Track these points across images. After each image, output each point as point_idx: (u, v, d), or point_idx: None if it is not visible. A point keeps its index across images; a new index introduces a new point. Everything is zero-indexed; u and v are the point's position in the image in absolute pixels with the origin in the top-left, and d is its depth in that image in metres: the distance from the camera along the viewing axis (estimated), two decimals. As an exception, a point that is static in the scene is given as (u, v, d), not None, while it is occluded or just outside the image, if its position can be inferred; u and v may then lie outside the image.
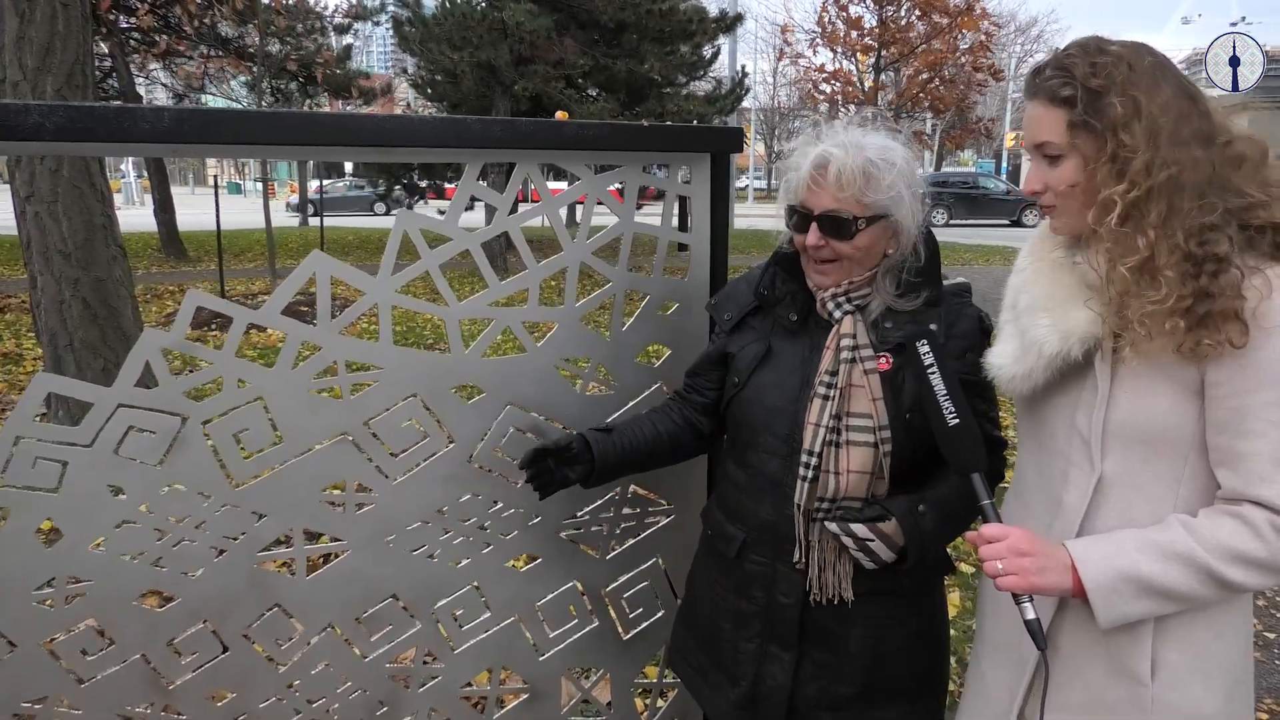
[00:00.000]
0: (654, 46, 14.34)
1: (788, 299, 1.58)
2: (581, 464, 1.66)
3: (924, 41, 19.50)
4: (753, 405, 1.58)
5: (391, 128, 1.56)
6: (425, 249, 1.72)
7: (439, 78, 15.34)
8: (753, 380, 1.59)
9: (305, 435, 1.68)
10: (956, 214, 24.73)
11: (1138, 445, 1.25)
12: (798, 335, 1.58)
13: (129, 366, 1.53)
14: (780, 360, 1.58)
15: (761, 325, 1.63)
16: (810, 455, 1.49)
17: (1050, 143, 1.26)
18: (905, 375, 1.48)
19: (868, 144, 1.45)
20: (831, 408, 1.48)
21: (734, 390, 1.62)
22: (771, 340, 1.60)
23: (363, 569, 1.77)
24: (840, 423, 1.48)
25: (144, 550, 1.60)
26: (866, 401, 1.48)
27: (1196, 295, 1.16)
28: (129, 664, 1.63)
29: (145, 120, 1.36)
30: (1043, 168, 1.30)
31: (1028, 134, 1.31)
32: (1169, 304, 1.15)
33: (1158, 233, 1.17)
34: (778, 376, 1.57)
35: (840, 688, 1.58)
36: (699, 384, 1.74)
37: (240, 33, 15.07)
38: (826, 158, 1.44)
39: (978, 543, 1.27)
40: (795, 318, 1.57)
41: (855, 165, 1.43)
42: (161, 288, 12.15)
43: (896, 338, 1.49)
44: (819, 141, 1.48)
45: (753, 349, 1.61)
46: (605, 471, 1.68)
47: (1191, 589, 1.19)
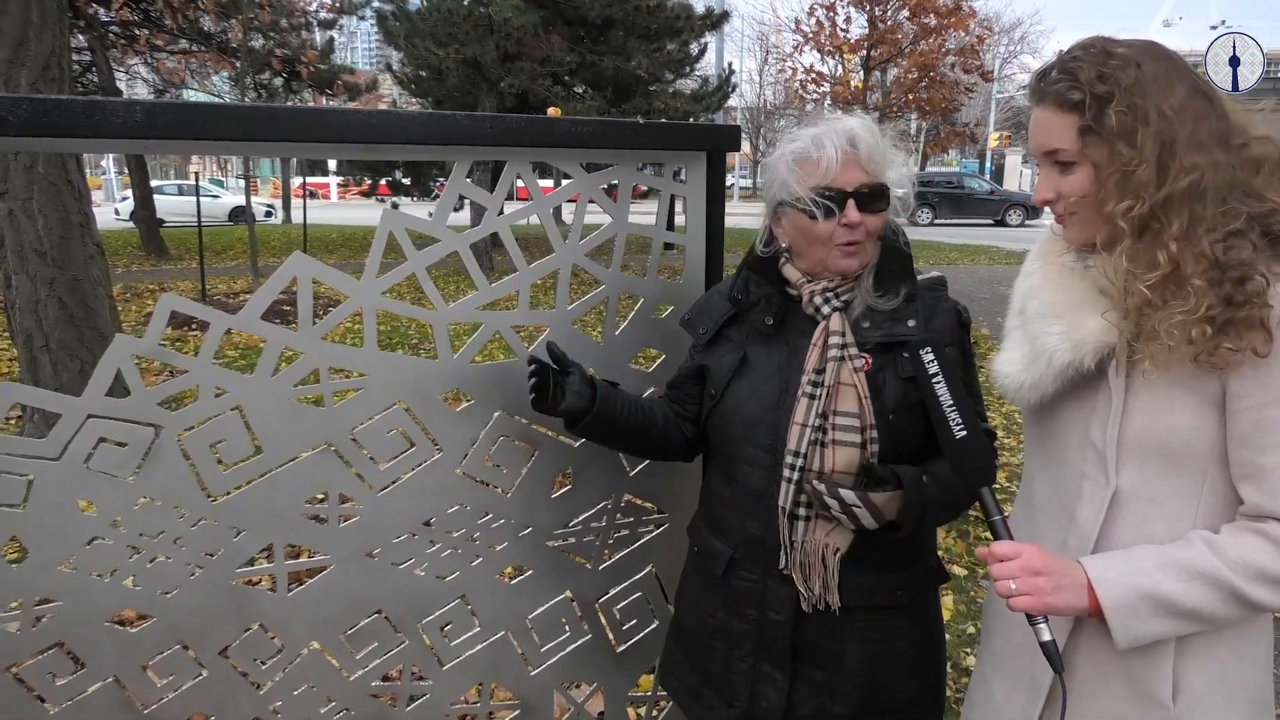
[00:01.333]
0: (641, 43, 14.29)
1: (762, 303, 1.54)
2: (581, 400, 1.58)
3: (912, 42, 19.51)
4: (731, 418, 1.54)
5: (378, 124, 1.49)
6: (412, 250, 1.65)
7: (424, 74, 15.23)
8: (729, 391, 1.55)
9: (286, 445, 1.60)
10: (941, 213, 24.87)
11: (1155, 458, 1.20)
12: (773, 341, 1.54)
13: (99, 375, 1.45)
14: (756, 369, 1.53)
15: (737, 335, 1.58)
16: (796, 456, 1.44)
17: (1061, 149, 1.21)
18: (886, 376, 1.45)
19: (872, 124, 1.47)
20: (818, 406, 1.44)
21: (712, 403, 1.58)
22: (747, 349, 1.56)
23: (347, 584, 1.70)
24: (826, 421, 1.43)
25: (116, 568, 1.52)
26: (854, 400, 1.43)
27: (1223, 303, 1.11)
28: (101, 688, 1.55)
29: (116, 114, 1.28)
30: (1054, 176, 1.25)
31: (1035, 141, 1.26)
32: (1199, 313, 1.10)
33: (1180, 244, 1.12)
34: (754, 386, 1.52)
35: (837, 706, 1.53)
36: (679, 396, 1.69)
37: (223, 27, 14.89)
38: (854, 133, 1.44)
39: (989, 560, 1.21)
40: (771, 322, 1.53)
41: (878, 139, 1.46)
42: (141, 286, 11.99)
43: (876, 338, 1.46)
44: (821, 126, 1.46)
45: (728, 359, 1.56)
46: (600, 420, 1.59)
47: (1214, 609, 1.14)
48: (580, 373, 1.61)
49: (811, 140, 1.45)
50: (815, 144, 1.44)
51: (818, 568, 1.48)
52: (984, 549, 1.23)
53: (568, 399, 1.58)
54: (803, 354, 1.49)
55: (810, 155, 1.44)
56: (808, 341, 1.50)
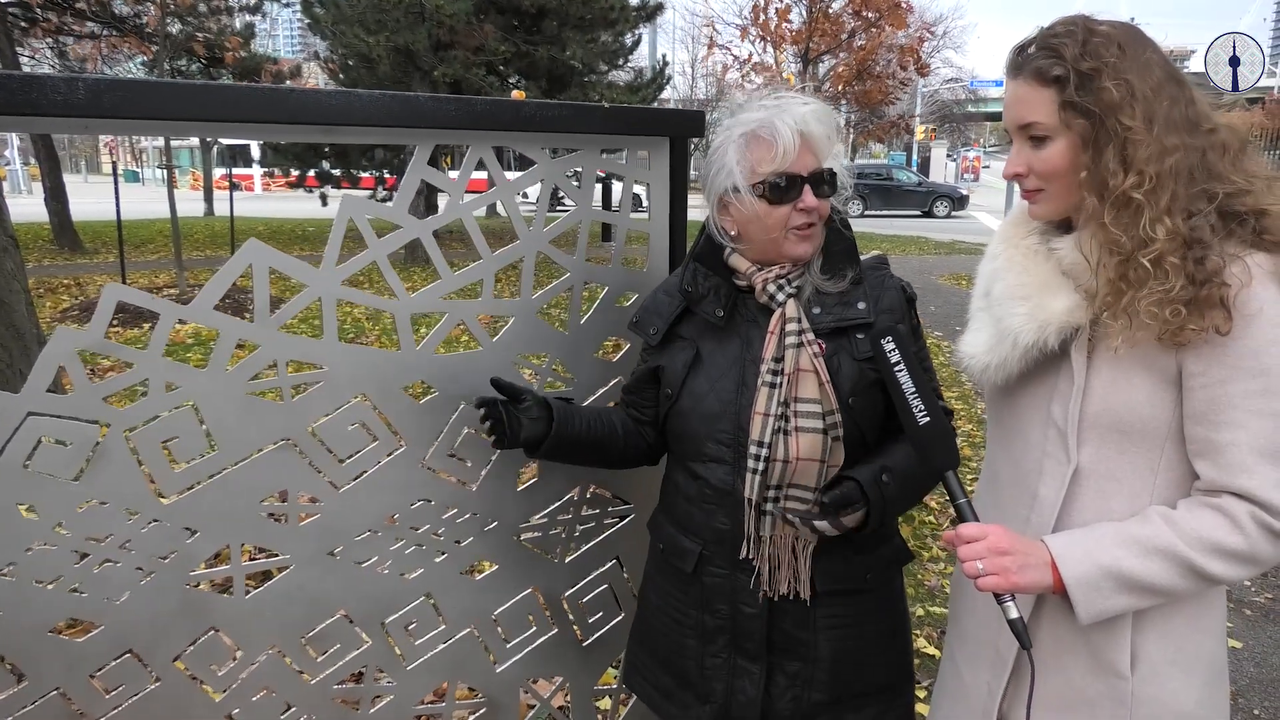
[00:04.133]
0: (575, 34, 14.17)
1: (712, 294, 1.53)
2: (538, 427, 1.57)
3: (850, 35, 19.79)
4: (690, 415, 1.52)
5: (338, 105, 1.43)
6: (373, 238, 1.59)
7: (352, 63, 14.82)
8: (686, 389, 1.53)
9: (242, 442, 1.53)
10: (871, 205, 25.36)
11: (1114, 436, 1.23)
12: (725, 334, 1.53)
13: (39, 370, 1.36)
14: (711, 364, 1.52)
15: (689, 331, 1.57)
16: (760, 446, 1.43)
17: (1039, 123, 1.22)
18: (841, 359, 1.46)
19: (821, 107, 1.47)
20: (779, 394, 1.43)
21: (669, 403, 1.56)
22: (699, 344, 1.54)
23: (307, 584, 1.64)
24: (789, 409, 1.43)
25: (60, 575, 1.43)
26: (814, 386, 1.43)
27: (1188, 281, 1.14)
28: (45, 702, 1.46)
29: (58, 91, 1.19)
30: (1026, 150, 1.26)
31: (1010, 114, 1.27)
32: (1174, 292, 1.12)
33: (1162, 222, 1.14)
34: (710, 381, 1.51)
35: (814, 694, 1.53)
36: (636, 401, 1.68)
37: (137, 10, 14.25)
38: (806, 117, 1.42)
39: (955, 543, 1.23)
40: (721, 313, 1.51)
41: (831, 123, 1.46)
42: (56, 281, 11.44)
43: (829, 323, 1.47)
44: (770, 108, 1.44)
45: (681, 357, 1.55)
46: (560, 441, 1.59)
47: (1172, 583, 1.17)
48: (533, 397, 1.60)
49: (763, 124, 1.43)
50: (768, 128, 1.42)
51: (787, 559, 1.48)
52: (950, 532, 1.25)
53: (525, 427, 1.56)
54: (756, 344, 1.49)
55: (763, 138, 1.42)
56: (759, 331, 1.49)
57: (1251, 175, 1.19)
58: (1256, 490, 1.13)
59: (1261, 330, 1.12)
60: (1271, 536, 1.14)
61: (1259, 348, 1.13)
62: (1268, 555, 1.15)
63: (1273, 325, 1.12)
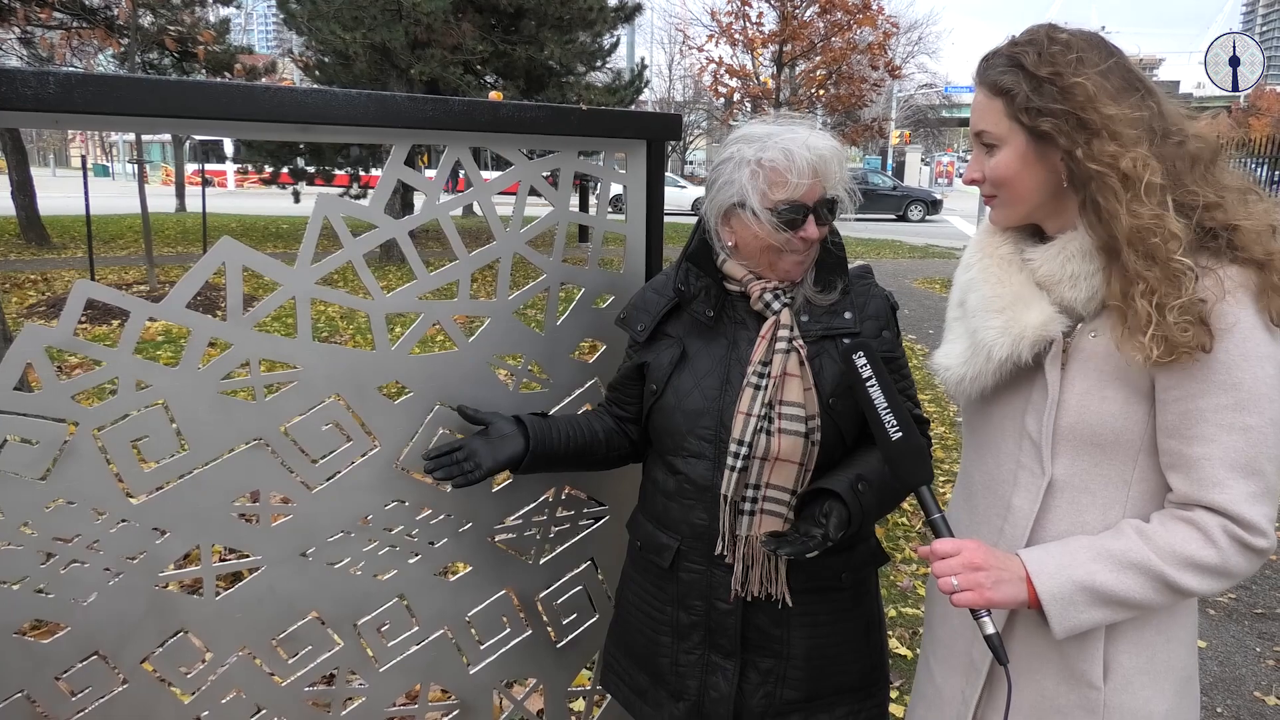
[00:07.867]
0: (553, 34, 14.12)
1: (702, 294, 1.55)
2: (514, 446, 1.59)
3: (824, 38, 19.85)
4: (674, 411, 1.54)
5: (313, 103, 1.42)
6: (348, 237, 1.58)
7: (327, 59, 14.68)
8: (671, 385, 1.55)
9: (214, 442, 1.51)
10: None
11: (1088, 448, 1.24)
12: (713, 335, 1.55)
13: (6, 367, 1.34)
14: (697, 362, 1.55)
15: (675, 330, 1.59)
16: (740, 445, 1.45)
17: (987, 131, 1.25)
18: (823, 362, 1.50)
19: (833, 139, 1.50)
20: (764, 396, 1.46)
21: (653, 398, 1.58)
22: (686, 342, 1.57)
23: (279, 585, 1.62)
24: (773, 410, 1.46)
25: (26, 576, 1.41)
26: (798, 391, 1.46)
27: None
28: (9, 704, 1.43)
29: (27, 85, 1.17)
30: (981, 156, 1.28)
31: (971, 122, 1.29)
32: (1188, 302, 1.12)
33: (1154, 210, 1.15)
34: (696, 378, 1.54)
35: (786, 691, 1.55)
36: (619, 398, 1.70)
37: (107, 2, 14.01)
38: (821, 150, 1.45)
39: (930, 558, 1.23)
40: (711, 313, 1.54)
41: (842, 156, 1.49)
42: (22, 276, 11.23)
43: (817, 331, 1.51)
44: (787, 136, 1.46)
45: (668, 354, 1.57)
46: (540, 458, 1.62)
47: (1146, 596, 1.17)
48: (502, 419, 1.62)
49: (783, 152, 1.43)
50: (786, 156, 1.43)
51: (762, 558, 1.49)
52: (924, 548, 1.24)
53: (497, 448, 1.59)
54: (743, 345, 1.52)
55: (779, 166, 1.43)
56: (747, 333, 1.52)
57: (1223, 188, 1.18)
58: (1228, 505, 1.14)
59: (1234, 345, 1.12)
60: (1243, 550, 1.14)
61: (1231, 362, 1.13)
62: (1239, 568, 1.16)
63: (1245, 340, 1.13)
